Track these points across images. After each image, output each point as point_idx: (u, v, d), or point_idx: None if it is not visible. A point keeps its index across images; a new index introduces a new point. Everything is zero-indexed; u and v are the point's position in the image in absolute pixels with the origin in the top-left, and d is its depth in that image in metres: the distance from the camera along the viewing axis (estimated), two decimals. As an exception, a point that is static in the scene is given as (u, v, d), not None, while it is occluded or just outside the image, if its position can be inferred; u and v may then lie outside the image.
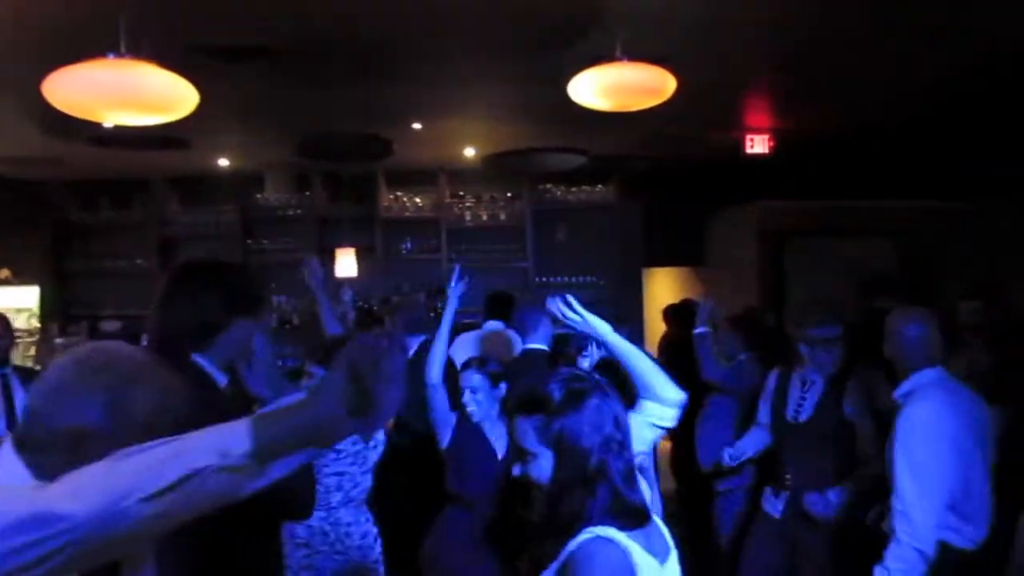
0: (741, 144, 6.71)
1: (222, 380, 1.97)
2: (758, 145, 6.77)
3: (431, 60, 4.76)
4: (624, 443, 1.71)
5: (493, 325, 5.21)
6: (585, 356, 3.62)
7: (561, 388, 1.71)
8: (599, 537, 1.60)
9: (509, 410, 1.80)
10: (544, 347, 4.02)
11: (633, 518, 1.67)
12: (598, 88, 3.61)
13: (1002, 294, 4.87)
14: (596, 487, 1.65)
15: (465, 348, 5.02)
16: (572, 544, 1.62)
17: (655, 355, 6.57)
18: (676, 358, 5.05)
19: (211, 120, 5.81)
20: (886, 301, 4.83)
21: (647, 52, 3.84)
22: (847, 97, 5.69)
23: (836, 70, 5.07)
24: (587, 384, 1.74)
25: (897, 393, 2.91)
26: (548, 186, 7.74)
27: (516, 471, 1.74)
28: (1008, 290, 5.15)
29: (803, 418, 3.61)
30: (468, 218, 7.76)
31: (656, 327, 7.23)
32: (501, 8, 3.91)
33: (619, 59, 3.63)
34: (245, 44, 4.30)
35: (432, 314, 7.52)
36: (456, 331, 5.95)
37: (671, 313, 6.46)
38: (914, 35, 4.41)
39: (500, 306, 5.21)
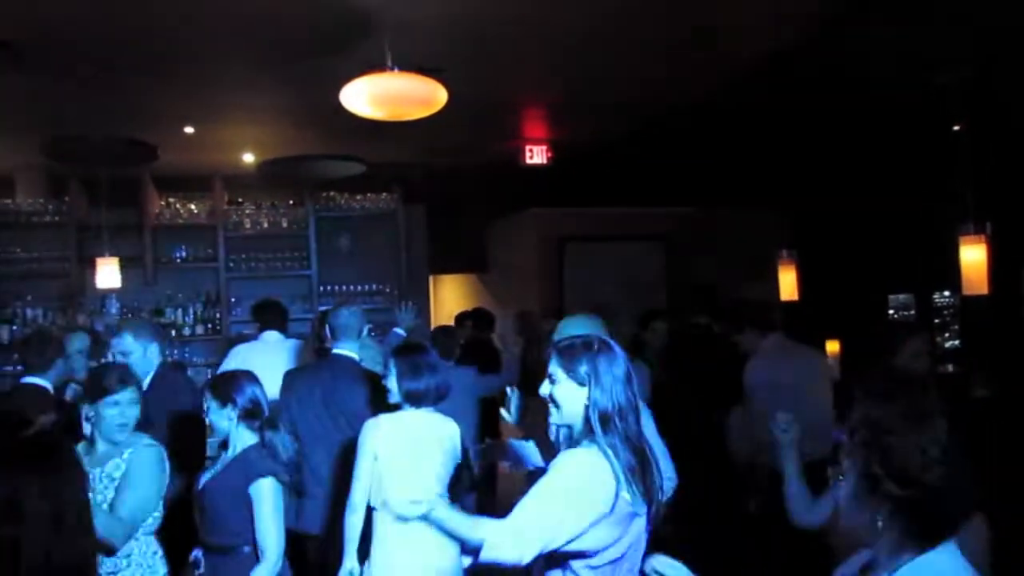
0: (520, 154, 6.95)
1: None
2: (536, 156, 7.04)
3: (199, 63, 4.57)
4: None
5: (273, 335, 5.04)
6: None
7: None
8: None
9: None
10: (353, 354, 3.92)
11: None
12: (369, 97, 3.61)
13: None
14: None
15: (243, 359, 4.82)
16: None
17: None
18: (471, 359, 5.30)
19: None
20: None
21: (420, 63, 3.89)
22: (614, 109, 6.04)
23: (602, 82, 5.38)
24: None
25: None
26: (331, 193, 7.61)
27: None
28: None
29: None
30: (248, 225, 7.46)
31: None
32: (270, 12, 3.83)
33: (390, 69, 3.65)
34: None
35: (207, 327, 7.19)
36: (231, 343, 5.76)
37: (466, 318, 6.62)
38: (668, 53, 4.78)
39: (275, 316, 5.05)
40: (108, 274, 5.93)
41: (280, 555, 2.91)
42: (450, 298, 9.20)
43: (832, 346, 5.92)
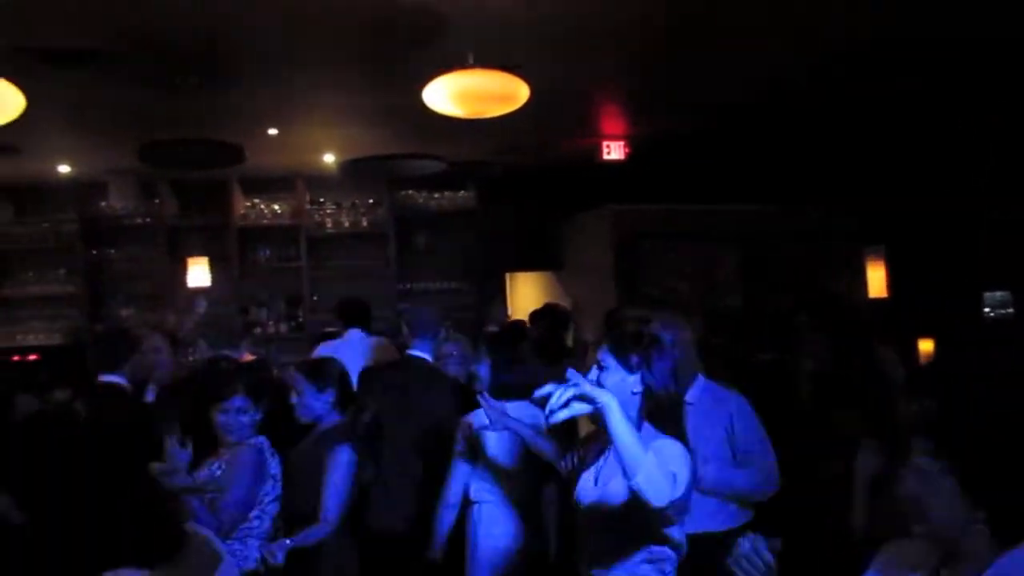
0: (598, 150, 6.89)
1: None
2: (614, 152, 6.97)
3: (283, 65, 4.65)
4: None
5: (356, 334, 5.12)
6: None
7: None
8: None
9: None
10: (427, 355, 3.94)
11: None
12: (451, 95, 3.62)
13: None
14: None
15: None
16: None
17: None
18: (543, 359, 5.20)
19: (45, 125, 5.48)
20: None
21: (500, 60, 3.89)
22: (693, 104, 5.93)
23: (680, 77, 5.28)
24: None
25: (690, 397, 2.96)
26: (410, 192, 7.70)
27: None
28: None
29: None
30: (329, 225, 7.62)
31: (519, 331, 7.30)
32: (351, 13, 3.87)
33: (471, 66, 3.66)
34: (77, 46, 4.08)
35: (290, 325, 7.33)
36: (315, 341, 5.86)
37: (537, 316, 6.58)
38: (748, 43, 4.66)
39: (358, 314, 5.12)
40: (198, 273, 6.12)
41: (337, 518, 3.04)
42: (524, 294, 9.18)
43: (925, 345, 5.69)
